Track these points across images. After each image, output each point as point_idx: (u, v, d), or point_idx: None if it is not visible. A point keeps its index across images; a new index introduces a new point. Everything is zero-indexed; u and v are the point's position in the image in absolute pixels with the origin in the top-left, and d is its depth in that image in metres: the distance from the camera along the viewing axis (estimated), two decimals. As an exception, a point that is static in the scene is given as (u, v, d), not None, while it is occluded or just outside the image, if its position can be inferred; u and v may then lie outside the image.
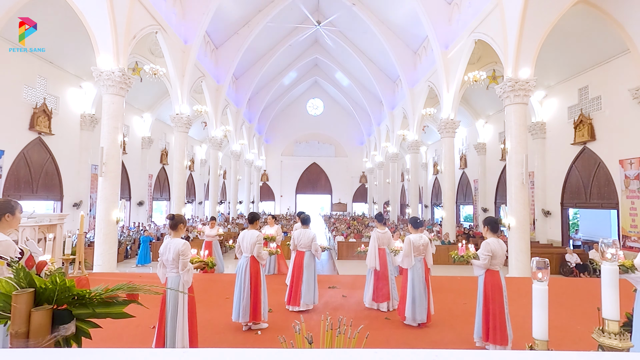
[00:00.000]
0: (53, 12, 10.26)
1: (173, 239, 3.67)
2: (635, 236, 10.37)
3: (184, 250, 3.54)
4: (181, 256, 3.52)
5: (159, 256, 3.68)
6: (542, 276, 1.45)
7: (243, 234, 4.85)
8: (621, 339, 1.39)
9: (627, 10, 9.37)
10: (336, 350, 1.26)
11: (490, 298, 4.00)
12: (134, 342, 4.31)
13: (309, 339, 1.82)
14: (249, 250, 4.73)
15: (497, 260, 4.06)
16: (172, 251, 3.56)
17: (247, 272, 4.67)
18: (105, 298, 1.40)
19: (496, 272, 4.07)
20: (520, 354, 1.15)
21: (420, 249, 4.99)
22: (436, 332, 4.79)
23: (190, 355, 1.05)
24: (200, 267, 4.04)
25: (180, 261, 3.53)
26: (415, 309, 4.85)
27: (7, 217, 2.58)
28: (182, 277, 3.54)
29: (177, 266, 3.55)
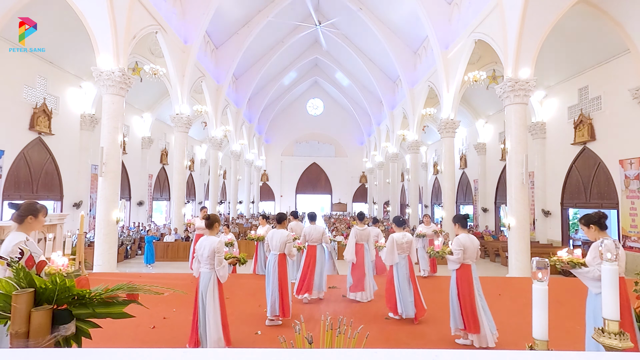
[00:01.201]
0: (53, 12, 10.26)
1: (208, 237, 3.97)
2: (635, 236, 10.37)
3: (218, 248, 3.84)
4: (216, 253, 3.83)
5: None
6: (542, 276, 1.45)
7: (272, 232, 5.20)
8: (621, 339, 1.39)
9: (627, 10, 9.37)
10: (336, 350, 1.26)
11: (462, 290, 4.25)
12: (134, 342, 4.31)
13: (309, 339, 1.82)
14: (277, 248, 5.08)
15: (469, 254, 4.30)
16: (207, 248, 3.85)
17: (276, 269, 5.00)
18: (105, 298, 1.40)
19: (468, 266, 4.32)
20: (520, 354, 1.15)
21: (404, 247, 5.23)
22: (436, 332, 4.79)
23: (191, 355, 1.05)
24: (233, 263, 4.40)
25: (215, 258, 3.83)
26: (404, 304, 5.09)
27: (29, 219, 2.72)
28: (217, 272, 3.86)
29: (212, 262, 3.86)
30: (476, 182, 19.88)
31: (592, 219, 3.26)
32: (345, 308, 5.84)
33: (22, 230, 2.70)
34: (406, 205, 25.43)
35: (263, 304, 5.74)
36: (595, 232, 3.25)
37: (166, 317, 5.13)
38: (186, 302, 5.94)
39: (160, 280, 7.76)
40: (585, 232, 3.35)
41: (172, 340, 4.40)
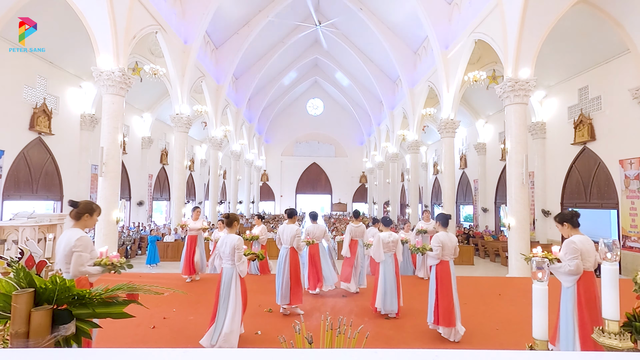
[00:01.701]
0: (53, 12, 10.26)
1: (228, 234, 4.25)
2: (635, 236, 10.37)
3: (238, 245, 4.10)
4: (237, 250, 4.09)
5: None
6: (542, 276, 1.45)
7: (283, 227, 5.59)
8: (621, 339, 1.39)
9: (627, 11, 9.37)
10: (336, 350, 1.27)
11: (440, 285, 4.50)
12: (134, 342, 4.31)
13: (309, 339, 1.82)
14: (288, 242, 5.49)
15: (447, 251, 4.58)
16: (228, 245, 4.13)
17: (287, 261, 5.42)
18: (105, 298, 1.40)
19: (446, 262, 4.60)
20: (520, 354, 1.15)
21: (390, 246, 5.55)
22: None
23: (190, 355, 1.05)
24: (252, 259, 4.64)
25: (235, 254, 4.09)
26: (386, 300, 5.35)
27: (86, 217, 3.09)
28: (238, 268, 4.11)
29: (233, 259, 4.11)
30: (476, 182, 19.88)
31: (565, 217, 3.51)
32: (345, 308, 5.84)
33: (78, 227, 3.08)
34: (406, 205, 25.44)
35: (263, 303, 5.75)
36: (568, 229, 3.50)
37: (166, 317, 5.13)
38: (186, 302, 5.94)
39: (161, 280, 7.76)
40: (559, 229, 3.60)
41: (172, 340, 4.40)
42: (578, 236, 3.40)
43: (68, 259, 2.95)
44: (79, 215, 3.06)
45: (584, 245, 3.34)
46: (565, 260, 3.37)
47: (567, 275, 3.35)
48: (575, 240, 3.36)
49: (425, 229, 8.68)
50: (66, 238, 2.99)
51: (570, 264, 3.32)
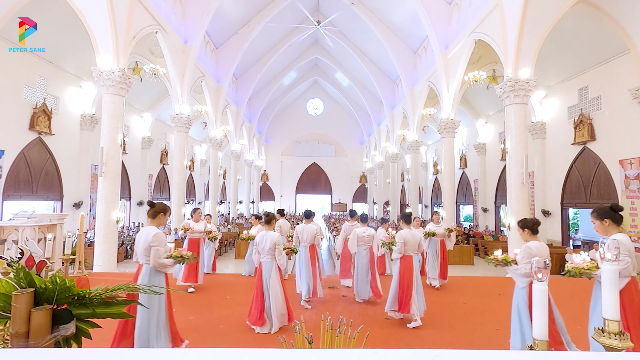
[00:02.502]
0: (53, 12, 10.25)
1: (267, 232, 4.77)
2: (635, 236, 10.38)
3: (278, 241, 4.67)
4: (277, 245, 4.67)
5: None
6: (542, 276, 1.45)
7: (302, 227, 6.17)
8: (621, 339, 1.39)
9: (627, 11, 9.37)
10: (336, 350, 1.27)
11: (402, 277, 5.03)
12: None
13: (309, 339, 1.82)
14: (309, 240, 6.12)
15: (409, 247, 5.10)
16: (268, 242, 4.66)
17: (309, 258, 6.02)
18: (105, 298, 1.39)
19: (409, 257, 5.10)
20: (520, 354, 1.15)
21: (365, 239, 6.23)
22: (436, 332, 4.79)
23: (190, 355, 1.05)
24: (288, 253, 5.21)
25: (276, 249, 4.66)
26: (359, 288, 6.04)
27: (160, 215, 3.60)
28: (279, 261, 4.70)
29: (272, 253, 4.68)
30: (476, 182, 19.88)
31: (527, 224, 3.83)
32: (345, 308, 5.85)
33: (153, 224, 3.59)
34: (406, 205, 25.44)
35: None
36: (527, 234, 3.82)
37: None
38: (186, 302, 5.94)
39: (160, 280, 7.74)
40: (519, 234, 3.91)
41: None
42: (535, 242, 3.71)
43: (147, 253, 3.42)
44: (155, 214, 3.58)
45: (538, 250, 3.63)
46: (521, 263, 3.61)
47: (522, 277, 3.64)
48: (531, 245, 3.66)
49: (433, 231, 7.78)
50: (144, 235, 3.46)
51: (525, 267, 3.57)
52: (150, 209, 3.57)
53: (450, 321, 5.25)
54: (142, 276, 3.49)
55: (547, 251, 3.77)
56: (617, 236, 3.12)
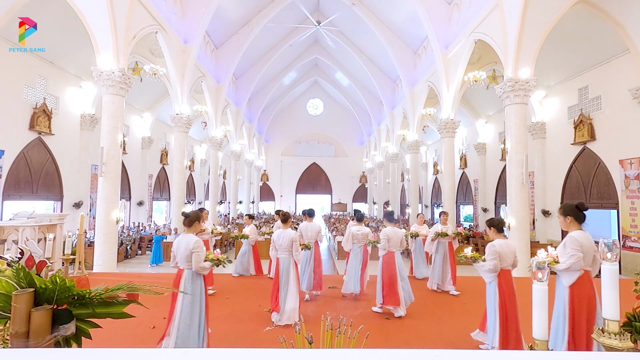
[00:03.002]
0: (53, 12, 10.25)
1: (285, 230, 5.12)
2: (635, 236, 10.37)
3: (295, 238, 5.06)
4: (294, 242, 5.06)
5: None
6: (542, 276, 1.45)
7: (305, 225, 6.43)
8: (621, 339, 1.39)
9: (627, 11, 9.37)
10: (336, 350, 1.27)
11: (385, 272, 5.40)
12: (134, 342, 4.31)
13: (309, 339, 1.82)
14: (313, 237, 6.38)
15: (392, 243, 5.51)
16: (287, 239, 5.04)
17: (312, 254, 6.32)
18: (105, 298, 1.39)
19: (392, 253, 5.52)
20: (520, 354, 1.15)
21: (359, 237, 6.43)
22: (436, 331, 4.79)
23: (190, 355, 1.05)
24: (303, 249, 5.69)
25: (294, 246, 5.03)
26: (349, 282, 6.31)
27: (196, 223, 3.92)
28: (296, 257, 5.07)
29: (290, 250, 5.03)
30: (476, 182, 19.88)
31: (493, 223, 4.14)
32: (345, 308, 5.84)
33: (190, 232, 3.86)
34: (406, 205, 25.44)
35: (263, 304, 5.74)
36: (493, 233, 4.13)
37: (166, 317, 5.13)
38: (186, 302, 5.94)
39: (161, 280, 7.76)
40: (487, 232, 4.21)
41: (172, 340, 4.39)
42: (499, 240, 4.00)
43: (189, 259, 3.74)
44: (191, 223, 3.89)
45: (502, 248, 3.92)
46: (487, 260, 3.94)
47: (487, 273, 3.96)
48: (496, 243, 3.95)
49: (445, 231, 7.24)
50: (185, 242, 3.76)
51: (490, 264, 3.91)
52: (186, 219, 3.88)
53: (450, 321, 5.25)
54: (185, 280, 3.80)
55: (512, 249, 4.04)
56: (574, 233, 3.36)
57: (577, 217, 3.43)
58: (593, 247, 3.34)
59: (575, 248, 3.25)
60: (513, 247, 4.07)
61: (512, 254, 4.01)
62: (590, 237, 3.41)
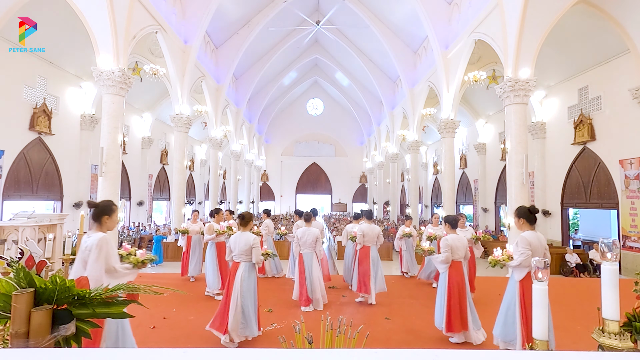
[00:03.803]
0: (53, 12, 10.26)
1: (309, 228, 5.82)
2: (635, 236, 10.37)
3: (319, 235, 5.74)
4: (318, 239, 5.74)
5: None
6: (542, 276, 1.45)
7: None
8: (621, 339, 1.39)
9: (627, 11, 9.37)
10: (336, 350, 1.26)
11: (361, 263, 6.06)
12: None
13: (309, 339, 1.82)
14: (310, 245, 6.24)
15: (367, 238, 6.17)
16: (311, 236, 5.74)
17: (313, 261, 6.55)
18: (105, 298, 1.39)
19: (367, 247, 6.18)
20: (520, 354, 1.15)
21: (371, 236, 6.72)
22: (436, 331, 4.79)
23: (190, 355, 1.05)
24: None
25: (317, 242, 5.77)
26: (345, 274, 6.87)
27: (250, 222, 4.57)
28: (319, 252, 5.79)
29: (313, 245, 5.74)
30: (476, 182, 19.88)
31: (448, 220, 4.67)
32: (345, 308, 5.84)
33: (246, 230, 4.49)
34: (406, 205, 25.44)
35: (263, 304, 5.74)
36: (448, 228, 4.65)
37: (166, 317, 5.14)
38: (186, 302, 5.94)
39: (160, 280, 7.76)
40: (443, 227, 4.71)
41: (172, 340, 4.40)
42: (452, 235, 4.52)
43: (248, 253, 4.29)
44: (247, 223, 4.51)
45: (454, 242, 4.43)
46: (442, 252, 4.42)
47: (441, 264, 4.44)
48: (449, 238, 4.46)
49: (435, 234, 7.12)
50: (244, 239, 4.32)
51: (442, 255, 4.40)
52: (242, 219, 4.50)
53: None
54: (243, 271, 4.31)
55: (464, 243, 4.52)
56: (525, 233, 3.69)
57: (529, 219, 3.73)
58: (543, 246, 3.70)
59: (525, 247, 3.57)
60: (465, 242, 4.56)
61: (463, 247, 4.49)
62: (542, 237, 3.73)
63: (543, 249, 3.70)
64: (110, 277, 2.94)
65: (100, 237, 2.91)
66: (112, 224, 3.09)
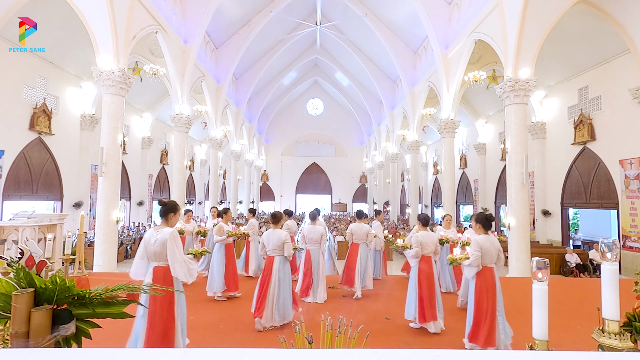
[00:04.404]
0: (53, 12, 10.26)
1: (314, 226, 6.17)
2: (635, 236, 10.38)
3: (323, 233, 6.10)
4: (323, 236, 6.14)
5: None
6: (542, 276, 1.45)
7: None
8: (621, 339, 1.39)
9: (627, 11, 9.37)
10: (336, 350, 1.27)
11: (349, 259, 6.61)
12: (134, 342, 4.29)
13: (309, 339, 1.82)
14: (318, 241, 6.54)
15: (355, 236, 6.69)
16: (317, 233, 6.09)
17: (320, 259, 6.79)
18: (105, 298, 1.39)
19: (356, 245, 6.69)
20: (520, 354, 1.15)
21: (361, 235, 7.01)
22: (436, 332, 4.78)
23: (190, 355, 1.05)
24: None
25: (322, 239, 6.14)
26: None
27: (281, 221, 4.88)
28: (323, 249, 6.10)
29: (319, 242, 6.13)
30: (476, 182, 19.88)
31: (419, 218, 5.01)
32: (345, 308, 5.84)
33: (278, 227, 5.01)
34: (406, 205, 25.44)
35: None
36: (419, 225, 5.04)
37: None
38: (186, 302, 5.94)
39: (160, 280, 7.74)
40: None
41: (172, 340, 4.39)
42: (422, 232, 4.92)
43: (280, 248, 4.80)
44: (278, 220, 5.00)
45: (423, 238, 4.83)
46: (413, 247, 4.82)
47: (412, 258, 4.84)
48: (419, 234, 4.86)
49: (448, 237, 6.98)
50: (276, 236, 4.82)
51: (413, 250, 4.80)
52: (274, 218, 5.04)
53: (449, 322, 5.24)
54: (278, 263, 4.83)
55: (432, 239, 4.90)
56: (478, 237, 4.10)
57: (484, 224, 4.15)
58: (497, 248, 4.09)
59: (476, 249, 3.98)
60: (434, 238, 4.95)
61: (432, 243, 4.90)
62: (495, 240, 4.12)
63: (497, 251, 4.08)
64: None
65: (172, 230, 3.46)
66: (175, 221, 3.65)
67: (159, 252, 3.39)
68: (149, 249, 3.46)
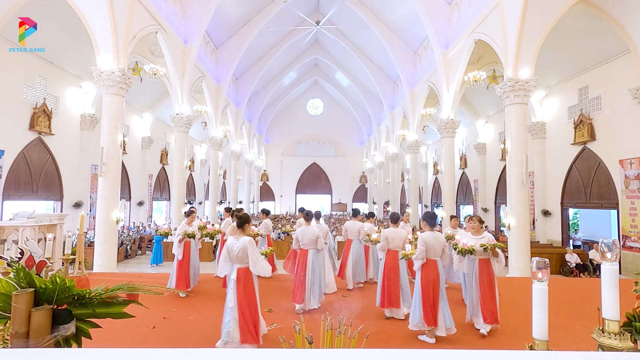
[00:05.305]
0: (53, 12, 10.26)
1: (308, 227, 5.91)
2: (635, 236, 10.37)
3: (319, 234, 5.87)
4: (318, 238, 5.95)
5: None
6: (542, 276, 1.45)
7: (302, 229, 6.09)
8: (621, 339, 1.39)
9: (627, 11, 9.37)
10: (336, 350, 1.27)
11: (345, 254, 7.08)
12: (134, 342, 4.31)
13: (309, 339, 1.82)
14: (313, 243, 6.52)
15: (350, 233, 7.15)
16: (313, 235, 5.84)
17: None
18: (105, 298, 1.39)
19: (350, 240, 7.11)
20: (521, 354, 1.15)
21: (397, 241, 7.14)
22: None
23: (190, 355, 1.05)
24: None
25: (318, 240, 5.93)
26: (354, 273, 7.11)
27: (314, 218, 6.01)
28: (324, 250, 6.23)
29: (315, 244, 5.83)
30: (476, 182, 19.88)
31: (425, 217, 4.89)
32: (345, 308, 5.84)
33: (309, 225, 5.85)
34: (406, 205, 25.43)
35: (263, 304, 5.73)
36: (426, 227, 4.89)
37: (166, 317, 5.13)
38: (186, 302, 5.94)
39: (161, 280, 7.76)
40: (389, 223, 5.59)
41: (172, 340, 4.40)
42: (391, 228, 5.54)
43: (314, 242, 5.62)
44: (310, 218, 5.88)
45: (390, 234, 5.45)
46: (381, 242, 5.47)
47: (380, 251, 5.55)
48: (387, 231, 5.50)
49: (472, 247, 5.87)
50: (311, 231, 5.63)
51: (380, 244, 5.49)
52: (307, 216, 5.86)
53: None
54: (312, 255, 5.63)
55: (401, 236, 5.46)
56: (423, 234, 4.56)
57: (429, 222, 4.59)
58: (441, 243, 4.51)
59: (421, 244, 4.45)
60: (402, 235, 5.50)
61: (400, 239, 5.44)
62: (440, 236, 4.56)
63: (441, 246, 4.54)
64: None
65: (250, 239, 4.05)
66: (249, 230, 4.27)
67: (240, 257, 4.01)
68: (232, 254, 4.07)
